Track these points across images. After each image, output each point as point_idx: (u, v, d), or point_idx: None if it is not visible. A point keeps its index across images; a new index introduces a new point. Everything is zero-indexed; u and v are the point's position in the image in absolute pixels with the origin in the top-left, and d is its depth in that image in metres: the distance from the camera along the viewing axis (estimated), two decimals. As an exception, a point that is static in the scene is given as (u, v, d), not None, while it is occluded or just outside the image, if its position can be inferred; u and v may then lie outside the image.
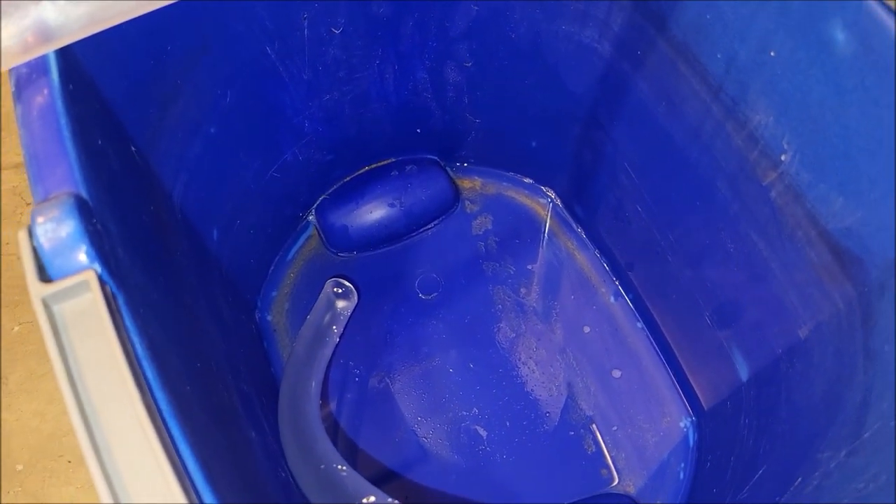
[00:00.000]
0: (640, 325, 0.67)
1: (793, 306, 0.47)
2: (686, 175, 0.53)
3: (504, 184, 0.74)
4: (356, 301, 0.67)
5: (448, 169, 0.74)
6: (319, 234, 0.72)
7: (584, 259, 0.71)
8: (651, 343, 0.67)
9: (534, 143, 0.70)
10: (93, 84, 0.39)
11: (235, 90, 0.55)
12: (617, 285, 0.69)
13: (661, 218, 0.59)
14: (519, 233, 0.73)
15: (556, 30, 0.57)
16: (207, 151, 0.54)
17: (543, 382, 0.66)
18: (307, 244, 0.72)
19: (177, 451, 0.26)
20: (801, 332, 0.47)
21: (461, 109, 0.68)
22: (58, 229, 0.29)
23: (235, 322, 0.60)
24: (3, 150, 0.80)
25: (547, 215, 0.73)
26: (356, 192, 0.72)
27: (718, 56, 0.45)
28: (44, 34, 0.34)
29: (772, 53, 0.42)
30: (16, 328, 0.72)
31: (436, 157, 0.74)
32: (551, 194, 0.74)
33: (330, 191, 0.73)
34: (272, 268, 0.70)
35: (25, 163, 0.33)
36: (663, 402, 0.65)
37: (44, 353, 0.71)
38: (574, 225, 0.72)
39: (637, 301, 0.68)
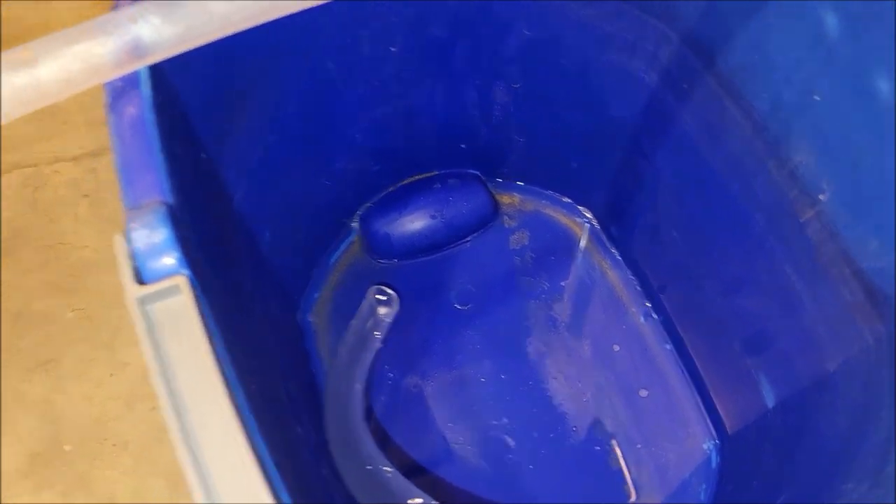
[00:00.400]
0: (668, 346, 0.69)
1: (823, 340, 0.48)
2: (725, 206, 0.55)
3: (543, 201, 0.76)
4: (398, 308, 0.69)
5: (489, 184, 0.76)
6: (362, 241, 0.74)
7: (617, 278, 0.73)
8: (679, 365, 0.68)
9: (574, 164, 0.71)
10: (176, 95, 0.42)
11: (296, 101, 0.57)
12: (648, 306, 0.71)
13: (697, 245, 0.61)
14: (554, 250, 0.74)
15: (605, 58, 0.59)
16: (266, 158, 0.57)
17: (571, 397, 0.68)
18: (349, 249, 0.74)
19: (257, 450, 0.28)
20: (830, 365, 0.48)
21: (506, 128, 0.70)
22: (151, 235, 0.32)
23: (282, 322, 0.62)
24: (62, 142, 0.84)
25: (583, 234, 0.75)
26: (400, 201, 0.74)
27: (764, 96, 0.47)
28: (137, 51, 0.37)
29: (816, 97, 0.43)
30: (69, 314, 0.75)
31: (478, 173, 0.76)
32: (588, 214, 0.75)
33: (374, 199, 0.75)
34: (316, 270, 0.73)
35: (117, 170, 0.36)
36: (688, 424, 0.66)
37: (95, 339, 0.74)
38: (609, 245, 0.74)
39: (667, 323, 0.69)
